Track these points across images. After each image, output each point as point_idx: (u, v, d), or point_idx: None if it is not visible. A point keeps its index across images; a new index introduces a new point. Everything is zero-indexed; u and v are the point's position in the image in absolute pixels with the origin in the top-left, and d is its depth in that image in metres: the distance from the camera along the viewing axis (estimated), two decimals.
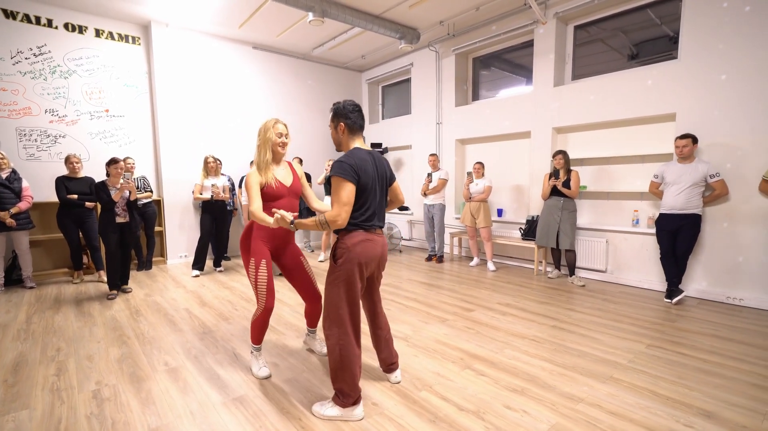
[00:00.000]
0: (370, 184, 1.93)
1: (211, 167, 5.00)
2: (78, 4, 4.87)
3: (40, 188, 4.71)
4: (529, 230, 5.10)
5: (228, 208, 5.31)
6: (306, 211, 6.23)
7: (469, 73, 6.29)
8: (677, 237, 3.80)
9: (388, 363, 2.30)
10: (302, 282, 2.49)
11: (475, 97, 6.30)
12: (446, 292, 4.19)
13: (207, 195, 4.93)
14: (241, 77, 6.30)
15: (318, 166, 7.14)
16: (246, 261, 2.28)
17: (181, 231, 5.75)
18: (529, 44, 5.35)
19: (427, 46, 6.36)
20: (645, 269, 4.33)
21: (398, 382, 2.31)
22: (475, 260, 5.56)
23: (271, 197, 2.25)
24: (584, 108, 4.70)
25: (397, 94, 7.76)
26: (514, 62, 5.90)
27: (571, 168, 4.62)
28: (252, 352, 2.43)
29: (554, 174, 4.50)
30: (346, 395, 1.93)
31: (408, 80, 7.23)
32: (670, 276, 3.85)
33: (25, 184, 4.29)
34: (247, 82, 6.37)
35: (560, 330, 3.12)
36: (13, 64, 4.67)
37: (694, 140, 3.72)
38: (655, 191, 4.03)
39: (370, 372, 2.42)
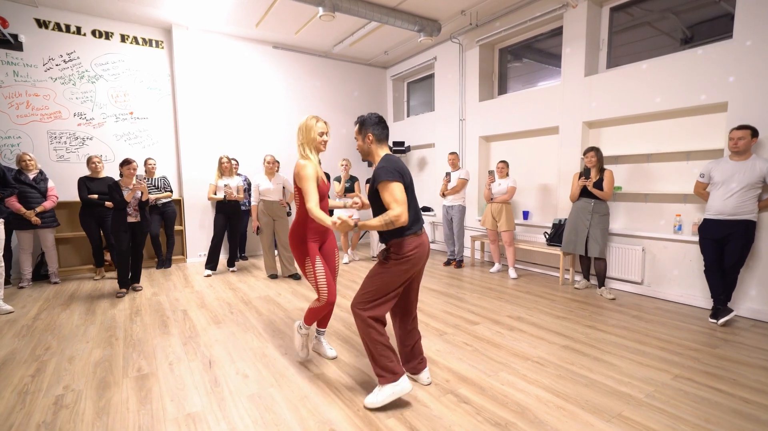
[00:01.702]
0: (410, 186, 2.05)
1: (225, 167, 5.01)
2: (105, 11, 5.09)
3: (68, 188, 4.96)
4: (555, 235, 4.65)
5: (243, 208, 5.33)
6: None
7: (495, 65, 5.87)
8: (725, 246, 3.24)
9: (417, 362, 2.29)
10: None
11: (503, 90, 5.87)
12: (453, 301, 3.89)
13: (220, 195, 4.96)
14: (262, 77, 6.32)
15: (337, 166, 7.00)
16: (300, 260, 2.36)
17: (200, 231, 5.87)
18: (558, 31, 4.87)
19: (449, 39, 6.02)
20: (688, 282, 3.77)
21: (429, 383, 2.30)
22: (496, 266, 5.17)
23: (319, 196, 2.24)
24: (620, 99, 4.17)
25: (422, 91, 7.47)
26: (547, 52, 5.42)
27: (605, 167, 4.13)
28: (300, 328, 2.48)
29: (585, 173, 4.04)
30: (390, 370, 1.99)
31: (432, 75, 6.92)
32: (716, 293, 3.30)
33: (50, 184, 4.53)
34: (267, 82, 6.38)
35: (571, 352, 2.74)
36: (45, 71, 4.96)
37: (754, 133, 3.14)
38: (702, 192, 3.48)
39: (337, 395, 2.22)
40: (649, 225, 4.14)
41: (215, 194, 5.03)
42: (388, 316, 2.15)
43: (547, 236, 4.78)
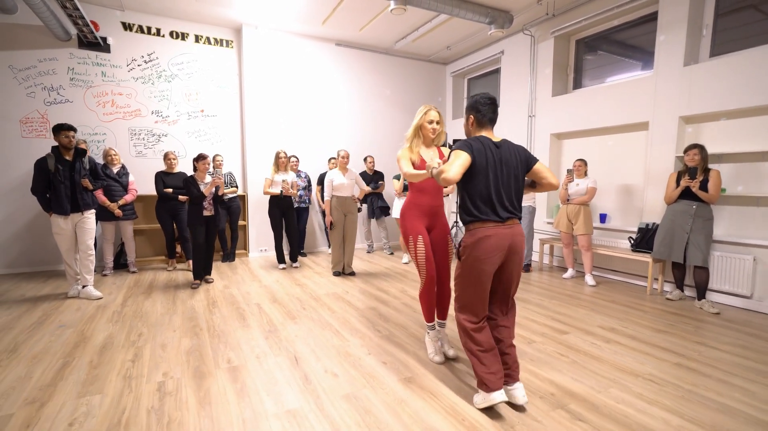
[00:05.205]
0: (485, 169, 1.96)
1: (282, 162, 4.98)
2: (181, 12, 5.29)
3: (145, 182, 5.19)
4: (643, 240, 4.25)
5: (300, 205, 5.30)
6: (379, 209, 6.07)
7: (570, 57, 5.52)
8: None
9: (505, 371, 2.04)
10: (439, 259, 2.53)
11: (578, 85, 5.51)
12: (533, 307, 3.63)
13: (276, 190, 4.93)
14: (324, 75, 6.34)
15: (393, 164, 6.91)
16: (405, 237, 2.50)
17: (262, 226, 5.95)
18: (649, 18, 4.48)
19: (520, 31, 5.74)
20: None
21: (525, 402, 2.01)
22: (570, 272, 4.83)
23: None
24: (726, 90, 3.73)
25: (483, 87, 7.20)
26: (626, 43, 5.01)
27: (710, 166, 3.71)
28: (427, 332, 2.59)
29: (690, 173, 3.61)
30: (481, 380, 1.94)
31: (496, 71, 6.65)
32: None
33: (131, 178, 4.74)
34: (329, 80, 6.39)
35: (689, 371, 2.43)
36: (128, 71, 5.22)
37: None
38: None
39: (435, 401, 2.07)
40: (763, 233, 3.67)
41: (270, 188, 4.99)
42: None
43: (632, 241, 4.39)
